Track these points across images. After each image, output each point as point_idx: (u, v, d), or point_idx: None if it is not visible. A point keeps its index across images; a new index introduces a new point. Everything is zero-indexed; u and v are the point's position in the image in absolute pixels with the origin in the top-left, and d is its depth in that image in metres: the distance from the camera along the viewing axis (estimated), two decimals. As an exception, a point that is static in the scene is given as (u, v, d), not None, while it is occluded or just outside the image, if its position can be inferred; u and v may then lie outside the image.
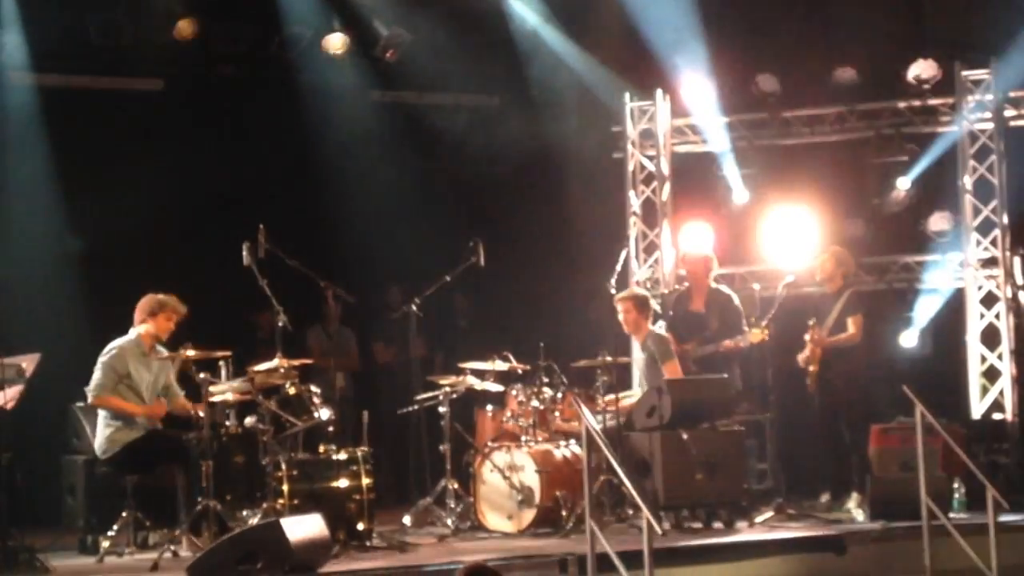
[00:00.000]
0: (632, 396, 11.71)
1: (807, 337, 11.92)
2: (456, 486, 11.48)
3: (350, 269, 12.99)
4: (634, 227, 14.07)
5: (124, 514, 10.31)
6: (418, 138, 14.74)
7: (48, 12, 12.77)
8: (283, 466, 10.20)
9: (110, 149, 13.44)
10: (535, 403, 11.44)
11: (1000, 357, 13.14)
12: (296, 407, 10.52)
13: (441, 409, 11.55)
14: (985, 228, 13.32)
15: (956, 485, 11.47)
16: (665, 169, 14.09)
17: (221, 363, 10.53)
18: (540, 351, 11.59)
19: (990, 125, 13.33)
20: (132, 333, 10.69)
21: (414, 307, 12.12)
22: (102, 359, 10.55)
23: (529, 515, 11.03)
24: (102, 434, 10.53)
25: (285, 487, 10.15)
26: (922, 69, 13.41)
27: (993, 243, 13.27)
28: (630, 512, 10.87)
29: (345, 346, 14.08)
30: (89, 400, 10.55)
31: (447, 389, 11.57)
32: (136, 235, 13.48)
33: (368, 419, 10.98)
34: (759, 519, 11.30)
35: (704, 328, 12.12)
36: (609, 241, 13.55)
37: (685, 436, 11.06)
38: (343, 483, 10.37)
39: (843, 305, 12.04)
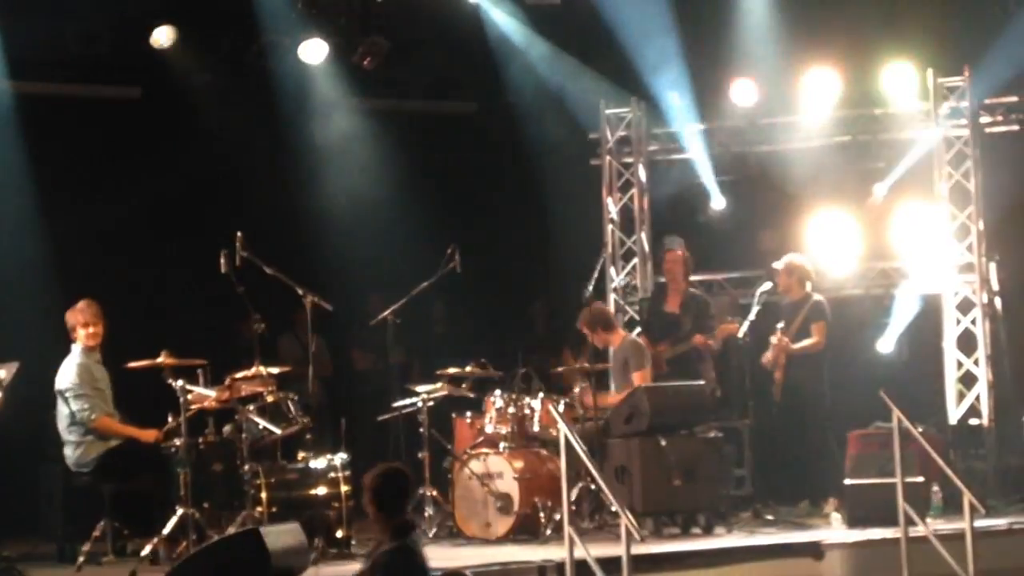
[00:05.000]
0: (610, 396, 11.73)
1: (772, 340, 11.96)
2: (434, 493, 11.48)
3: (328, 276, 12.98)
4: (611, 234, 14.09)
5: (102, 523, 10.27)
6: (396, 145, 14.74)
7: (26, 20, 12.73)
8: (261, 474, 10.19)
9: (87, 157, 13.42)
10: (513, 410, 11.45)
11: (976, 363, 13.18)
12: (274, 415, 10.52)
13: (419, 416, 11.55)
14: (961, 234, 13.37)
15: (934, 490, 11.51)
16: (642, 176, 14.12)
17: (199, 371, 10.52)
18: (518, 357, 11.60)
19: (965, 132, 13.38)
20: (76, 348, 10.63)
21: (392, 314, 12.13)
22: (68, 386, 10.45)
23: (507, 522, 11.04)
24: (75, 448, 10.48)
25: (263, 495, 10.14)
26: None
27: (969, 249, 13.32)
28: (609, 518, 10.88)
29: (317, 353, 14.05)
30: (90, 426, 10.44)
31: (425, 396, 11.57)
32: (113, 243, 13.46)
33: (346, 426, 10.98)
34: (737, 525, 11.34)
35: (678, 329, 12.15)
36: (586, 248, 13.59)
37: (663, 442, 11.08)
38: (322, 491, 10.37)
39: (806, 313, 12.08)
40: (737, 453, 12.84)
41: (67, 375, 10.51)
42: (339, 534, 10.29)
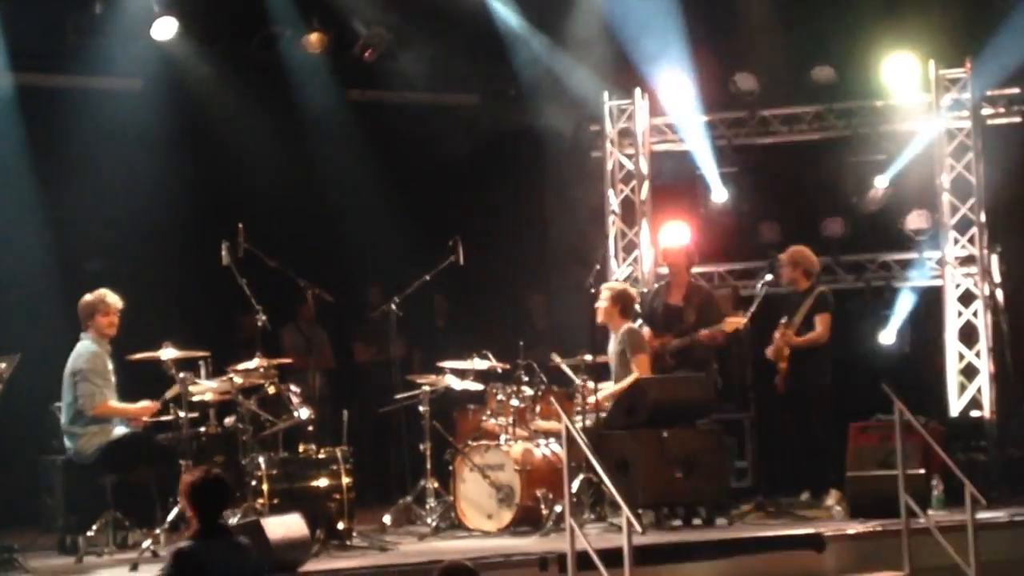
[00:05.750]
0: (605, 389, 11.68)
1: (776, 334, 11.95)
2: (436, 485, 11.49)
3: (329, 268, 12.98)
4: (613, 226, 14.08)
5: (103, 514, 10.29)
6: (397, 137, 14.73)
7: (26, 11, 12.72)
8: (263, 466, 10.19)
9: (88, 149, 13.40)
10: (514, 402, 11.45)
11: (978, 355, 13.17)
12: (276, 407, 10.53)
13: (421, 408, 11.55)
14: (963, 226, 13.36)
15: (935, 482, 11.51)
16: (644, 168, 14.11)
17: (200, 363, 10.52)
18: (519, 350, 11.60)
19: (967, 123, 13.37)
20: (87, 336, 10.62)
21: (393, 306, 12.13)
22: (82, 368, 10.47)
23: (509, 514, 11.04)
24: (76, 440, 10.47)
25: (265, 487, 10.15)
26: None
27: (971, 241, 13.31)
28: (610, 511, 10.89)
29: (319, 345, 14.07)
30: (89, 413, 10.44)
31: (427, 388, 11.57)
32: (114, 235, 13.46)
33: (348, 418, 10.99)
34: (738, 517, 11.34)
35: (681, 321, 12.14)
36: (588, 240, 13.58)
37: (664, 435, 11.07)
38: (323, 482, 10.37)
39: (810, 304, 12.05)
40: (739, 445, 12.84)
41: (81, 358, 10.50)
42: (340, 526, 10.29)
